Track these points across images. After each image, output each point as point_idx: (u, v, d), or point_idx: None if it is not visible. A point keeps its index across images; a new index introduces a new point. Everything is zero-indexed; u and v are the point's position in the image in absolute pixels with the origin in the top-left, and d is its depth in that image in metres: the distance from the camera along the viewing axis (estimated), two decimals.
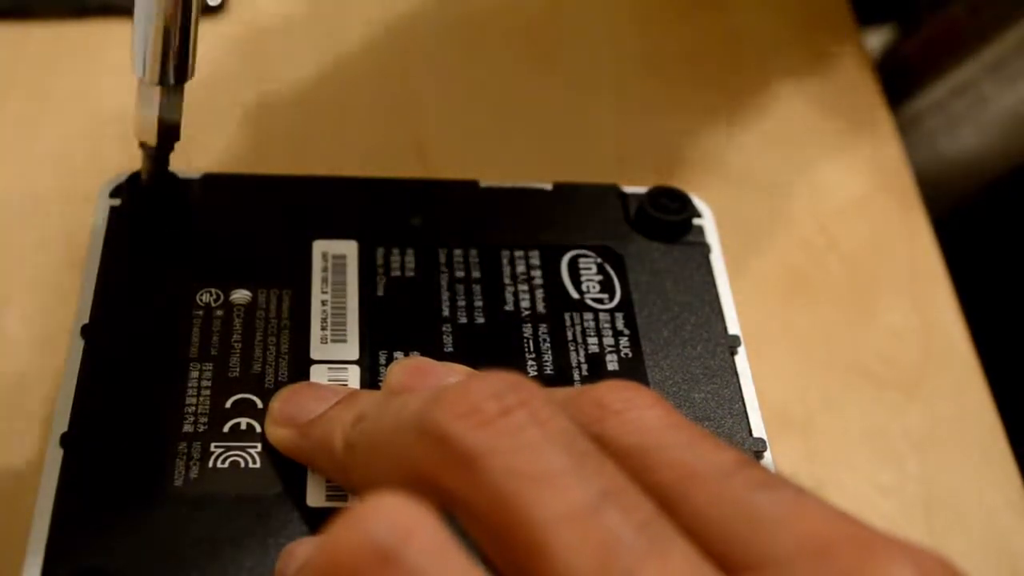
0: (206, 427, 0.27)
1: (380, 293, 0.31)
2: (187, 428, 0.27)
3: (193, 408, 0.28)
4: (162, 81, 0.29)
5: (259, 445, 0.27)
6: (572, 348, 0.30)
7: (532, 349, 0.30)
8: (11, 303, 0.35)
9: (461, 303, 0.31)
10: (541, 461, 0.19)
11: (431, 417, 0.20)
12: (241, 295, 0.30)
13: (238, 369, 0.29)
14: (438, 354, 0.30)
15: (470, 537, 0.19)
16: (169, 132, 0.30)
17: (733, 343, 0.31)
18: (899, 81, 0.47)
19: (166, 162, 0.31)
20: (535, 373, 0.30)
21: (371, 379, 0.29)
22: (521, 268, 0.32)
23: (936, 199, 0.44)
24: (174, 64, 0.29)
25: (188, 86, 0.30)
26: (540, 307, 0.31)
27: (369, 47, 0.45)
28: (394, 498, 0.18)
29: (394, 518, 0.17)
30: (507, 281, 0.32)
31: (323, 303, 0.30)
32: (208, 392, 0.28)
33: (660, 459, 0.20)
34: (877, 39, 0.51)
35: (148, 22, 0.28)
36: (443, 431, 0.20)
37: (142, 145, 0.30)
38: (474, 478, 0.19)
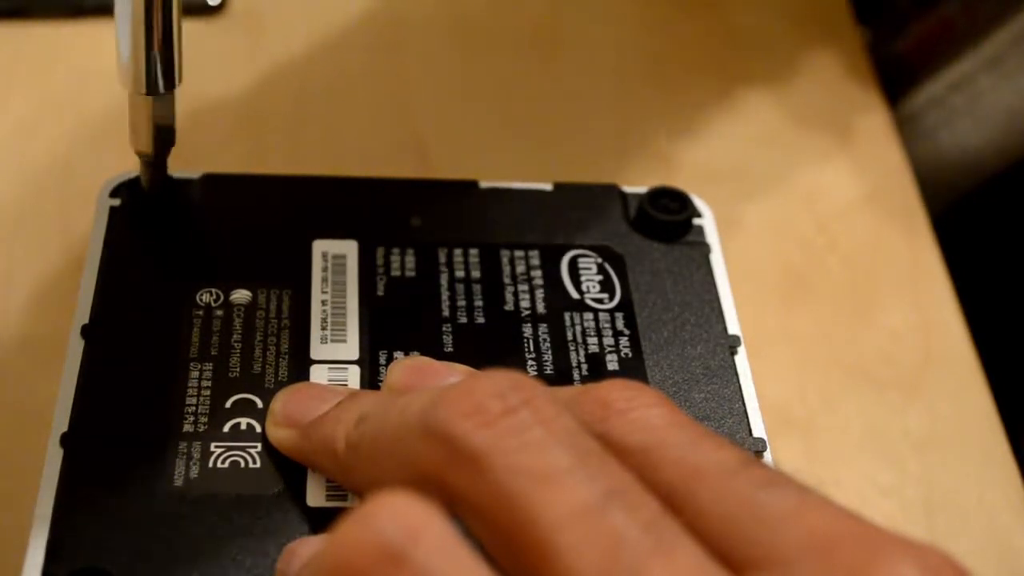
0: (206, 427, 0.27)
1: (380, 293, 0.31)
2: (187, 428, 0.27)
3: (193, 408, 0.28)
4: (150, 91, 0.29)
5: (259, 445, 0.27)
6: (572, 348, 0.30)
7: (532, 349, 0.30)
8: (11, 303, 0.35)
9: (461, 303, 0.31)
10: (546, 460, 0.19)
11: (435, 416, 0.20)
12: (241, 295, 0.30)
13: (238, 369, 0.29)
14: (438, 354, 0.29)
15: (475, 537, 0.19)
16: (164, 138, 0.30)
17: (733, 343, 0.31)
18: (897, 77, 0.47)
19: (164, 168, 0.31)
20: (535, 373, 0.30)
21: (371, 379, 0.29)
22: (521, 268, 0.32)
23: (936, 194, 0.44)
24: (161, 73, 0.28)
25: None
26: (540, 307, 0.31)
27: (369, 47, 0.45)
28: (401, 497, 0.17)
29: (402, 517, 0.17)
30: (507, 281, 0.31)
31: (323, 303, 0.30)
32: (208, 392, 0.28)
33: (664, 457, 0.20)
34: (876, 37, 0.51)
35: (130, 34, 0.28)
36: (447, 430, 0.20)
37: (139, 153, 0.30)
38: (479, 477, 0.19)
